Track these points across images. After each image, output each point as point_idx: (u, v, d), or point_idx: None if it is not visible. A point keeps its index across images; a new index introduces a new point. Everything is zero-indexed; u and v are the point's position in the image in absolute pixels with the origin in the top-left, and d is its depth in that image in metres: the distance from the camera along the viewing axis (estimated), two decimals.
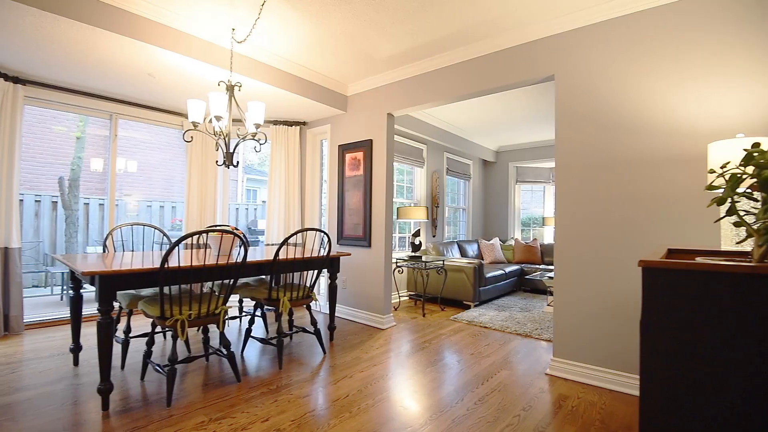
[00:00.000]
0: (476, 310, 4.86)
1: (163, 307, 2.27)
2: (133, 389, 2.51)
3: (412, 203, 6.13)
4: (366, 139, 4.35)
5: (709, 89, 2.40)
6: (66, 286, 5.49)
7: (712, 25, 2.39)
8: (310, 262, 3.22)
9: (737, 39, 2.32)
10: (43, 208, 6.60)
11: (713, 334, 1.08)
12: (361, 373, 2.85)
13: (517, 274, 6.17)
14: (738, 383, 1.05)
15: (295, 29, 3.23)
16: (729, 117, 2.34)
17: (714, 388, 1.08)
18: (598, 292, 2.75)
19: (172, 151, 9.78)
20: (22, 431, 1.99)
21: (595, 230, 2.77)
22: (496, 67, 3.33)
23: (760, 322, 1.02)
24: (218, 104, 2.78)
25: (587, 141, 2.82)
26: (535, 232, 8.10)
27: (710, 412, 1.09)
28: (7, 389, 2.47)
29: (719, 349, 1.08)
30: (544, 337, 3.80)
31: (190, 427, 2.07)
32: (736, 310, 1.05)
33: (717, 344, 1.08)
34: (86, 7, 2.67)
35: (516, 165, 7.67)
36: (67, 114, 6.73)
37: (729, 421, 1.06)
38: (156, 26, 2.99)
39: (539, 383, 2.74)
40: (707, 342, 1.10)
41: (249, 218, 10.23)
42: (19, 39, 2.90)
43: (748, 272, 1.03)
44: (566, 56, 2.93)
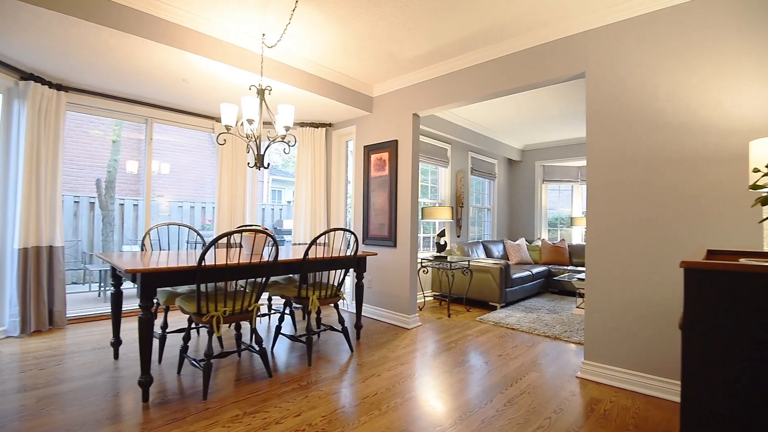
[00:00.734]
0: (503, 312, 4.81)
1: (200, 303, 2.36)
2: (169, 382, 2.62)
3: (437, 203, 6.12)
4: (391, 140, 4.38)
5: (748, 84, 2.30)
6: (103, 284, 5.74)
7: (750, 17, 2.29)
8: (337, 262, 3.27)
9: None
10: (81, 209, 6.91)
11: (759, 337, 1.05)
12: (388, 371, 2.88)
13: (545, 275, 6.07)
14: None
15: (322, 33, 3.28)
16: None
17: (761, 393, 1.05)
18: (631, 294, 2.68)
19: (201, 153, 10.08)
20: (69, 420, 2.10)
21: (628, 230, 2.70)
22: (524, 65, 3.29)
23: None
24: (250, 108, 2.86)
25: (619, 139, 2.76)
26: (562, 232, 7.94)
27: (757, 419, 1.06)
28: (54, 380, 2.61)
29: (766, 353, 1.05)
30: (573, 339, 3.73)
31: (226, 420, 2.14)
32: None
33: (763, 347, 1.05)
34: (128, 17, 2.79)
35: (543, 164, 7.54)
36: (103, 119, 7.04)
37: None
38: (191, 33, 3.10)
39: (570, 386, 2.70)
40: (753, 345, 1.07)
41: (274, 218, 10.43)
42: (63, 48, 3.06)
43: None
44: (597, 53, 2.87)
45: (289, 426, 2.09)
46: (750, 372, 1.07)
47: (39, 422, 2.07)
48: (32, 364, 2.88)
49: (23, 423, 2.06)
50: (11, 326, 3.50)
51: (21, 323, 3.50)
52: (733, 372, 1.10)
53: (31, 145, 3.51)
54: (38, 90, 3.55)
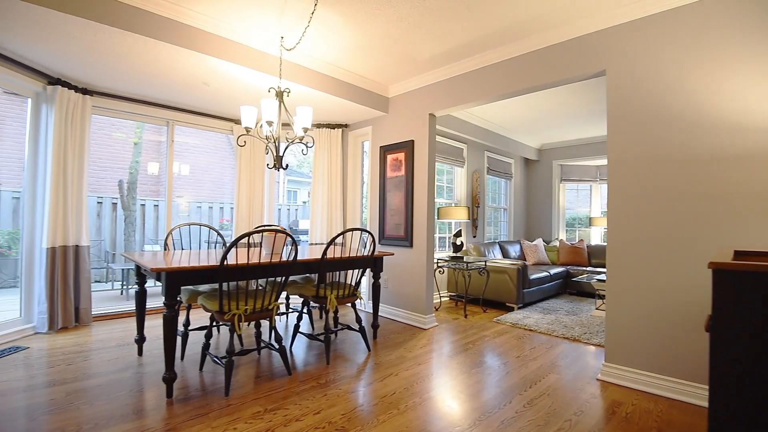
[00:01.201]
0: (520, 313, 4.76)
1: (222, 302, 2.40)
2: (192, 379, 2.67)
3: (453, 203, 6.10)
4: (407, 140, 4.38)
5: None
6: (125, 282, 5.88)
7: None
8: (354, 261, 3.29)
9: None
10: (104, 209, 7.09)
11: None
12: (406, 371, 2.88)
13: (563, 276, 5.99)
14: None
15: (339, 35, 3.31)
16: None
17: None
18: (655, 296, 2.63)
19: (219, 154, 10.25)
20: (97, 414, 2.17)
21: (651, 231, 2.65)
22: (543, 64, 3.26)
23: None
24: (270, 110, 2.90)
25: (641, 138, 2.71)
26: (580, 232, 7.82)
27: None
28: (82, 375, 2.70)
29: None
30: (593, 341, 3.67)
31: (248, 416, 2.18)
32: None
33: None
34: (152, 23, 2.87)
35: (560, 163, 7.44)
36: (125, 121, 7.21)
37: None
38: (212, 37, 3.17)
39: (590, 388, 2.66)
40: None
41: (290, 218, 10.54)
42: (89, 53, 3.15)
43: None
44: (618, 51, 2.83)
45: (309, 423, 2.11)
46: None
47: (68, 416, 2.14)
48: (60, 359, 2.98)
49: (53, 416, 2.13)
50: (40, 323, 3.62)
51: (49, 320, 3.62)
52: (765, 375, 1.08)
53: (58, 148, 3.62)
54: (65, 94, 3.66)
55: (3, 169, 6.64)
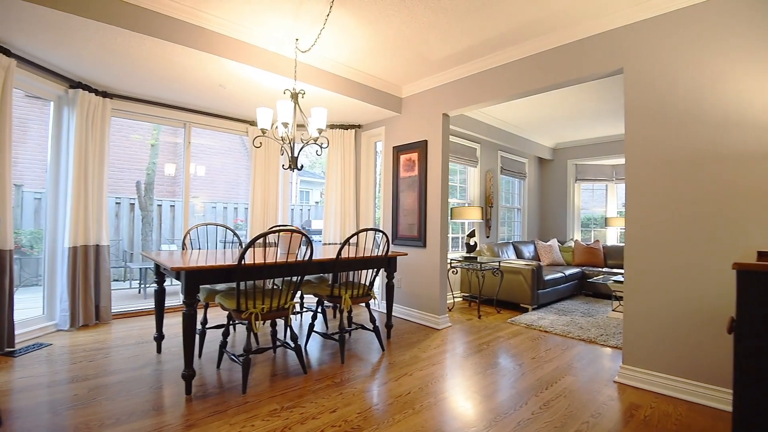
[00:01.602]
0: (535, 314, 4.72)
1: (239, 300, 2.44)
2: (209, 376, 2.72)
3: (466, 203, 6.07)
4: (421, 140, 4.38)
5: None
6: (143, 281, 6.00)
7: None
8: (369, 261, 3.30)
9: None
10: (122, 210, 7.23)
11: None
12: (420, 371, 2.89)
13: (578, 277, 5.91)
14: None
15: (354, 36, 3.33)
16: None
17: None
18: (674, 297, 2.58)
19: (233, 155, 10.38)
20: (118, 410, 2.22)
21: (671, 231, 2.61)
22: (559, 63, 3.23)
23: None
24: (285, 111, 2.94)
25: (660, 137, 2.66)
26: (596, 233, 7.72)
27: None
28: (103, 372, 2.76)
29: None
30: (610, 343, 3.62)
31: (265, 413, 2.21)
32: None
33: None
34: (169, 26, 2.92)
35: (575, 162, 7.35)
36: (142, 123, 7.35)
37: None
38: (229, 40, 3.21)
39: (607, 391, 2.63)
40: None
41: (303, 218, 10.61)
42: (109, 57, 3.22)
43: None
44: (636, 48, 2.79)
45: (325, 421, 2.13)
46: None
47: (91, 411, 2.19)
48: (82, 356, 3.05)
49: (77, 411, 2.19)
50: (62, 320, 3.71)
51: (70, 317, 3.71)
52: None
53: (79, 149, 3.71)
54: (86, 97, 3.75)
55: (25, 170, 6.82)
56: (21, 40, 2.92)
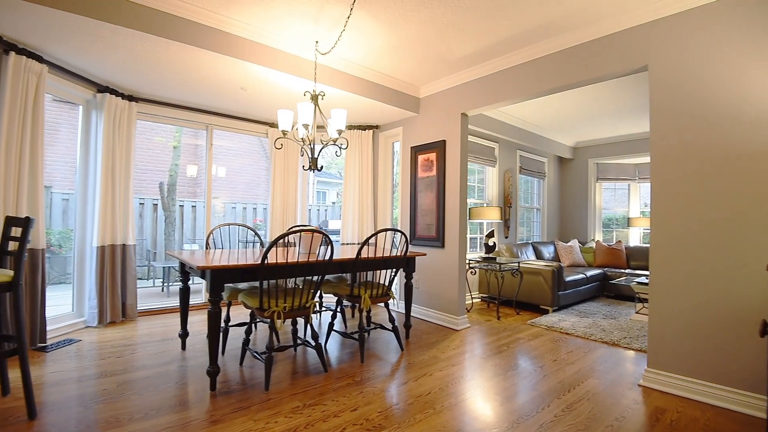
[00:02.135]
0: (555, 316, 4.66)
1: (262, 299, 2.48)
2: (232, 373, 2.77)
3: (484, 203, 6.03)
4: (439, 140, 4.37)
5: None
6: (166, 280, 6.15)
7: None
8: (388, 261, 3.31)
9: None
10: (146, 210, 7.42)
11: None
12: (440, 372, 2.88)
13: (600, 278, 5.80)
14: None
15: (373, 37, 3.34)
16: None
17: None
18: (701, 299, 2.52)
19: (252, 157, 10.54)
20: (146, 404, 2.28)
21: (698, 231, 2.54)
22: (581, 60, 3.18)
23: None
24: (305, 113, 2.97)
25: (688, 135, 2.60)
26: (617, 233, 7.56)
27: None
28: (131, 367, 2.84)
29: None
30: (633, 346, 3.55)
31: (288, 410, 2.24)
32: None
33: None
34: (195, 32, 2.99)
35: (596, 161, 7.22)
36: (165, 126, 7.53)
37: None
38: (250, 44, 3.27)
39: (632, 394, 2.58)
40: None
41: (320, 219, 10.70)
42: (136, 62, 3.32)
43: None
44: (661, 45, 2.72)
45: (347, 419, 2.15)
46: None
47: (120, 405, 2.26)
48: (110, 352, 3.15)
49: (106, 405, 2.26)
50: (90, 317, 3.84)
51: (98, 314, 3.83)
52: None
53: (107, 152, 3.83)
54: (113, 101, 3.87)
55: (54, 172, 7.05)
56: (53, 46, 3.03)
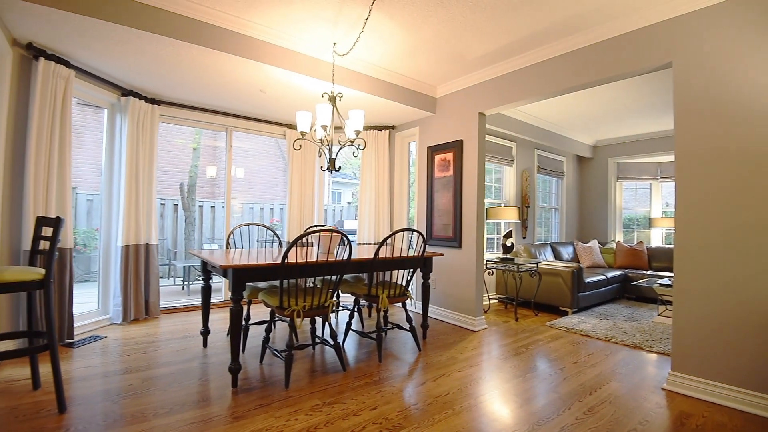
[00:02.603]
0: (575, 317, 4.59)
1: (282, 298, 2.52)
2: (252, 371, 2.81)
3: (501, 203, 5.97)
4: (456, 140, 4.35)
5: None
6: (186, 278, 6.27)
7: None
8: (405, 261, 3.32)
9: None
10: (166, 210, 7.58)
11: None
12: (458, 372, 2.87)
13: (620, 280, 5.69)
14: None
15: (391, 38, 3.35)
16: None
17: None
18: (728, 302, 2.45)
19: (269, 158, 10.68)
20: (171, 400, 2.34)
21: (726, 233, 2.47)
22: (603, 58, 3.13)
23: None
24: (324, 114, 3.00)
25: (714, 134, 2.53)
26: (638, 234, 7.40)
27: None
28: (154, 364, 2.92)
29: None
30: (656, 349, 3.47)
31: (308, 408, 2.27)
32: None
33: None
34: (215, 35, 3.05)
35: (616, 160, 7.08)
36: (185, 128, 7.69)
37: None
38: (270, 47, 3.32)
39: (655, 398, 2.52)
40: None
41: (335, 219, 10.76)
42: (160, 66, 3.40)
43: None
44: (686, 41, 2.66)
45: (366, 418, 2.16)
46: None
47: (145, 400, 2.32)
48: (134, 348, 3.23)
49: (132, 400, 2.32)
50: (115, 314, 3.94)
51: (123, 312, 3.93)
52: None
53: (131, 154, 3.93)
54: (136, 104, 3.97)
55: (79, 173, 7.26)
56: (79, 52, 3.13)
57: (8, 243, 2.96)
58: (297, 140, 3.39)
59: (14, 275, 2.02)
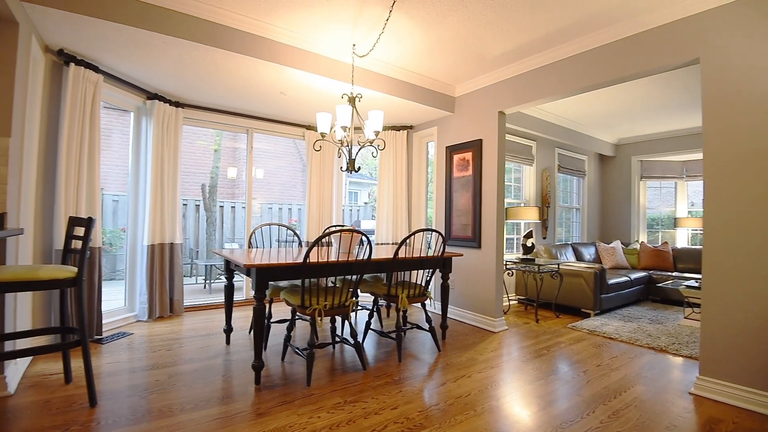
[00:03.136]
0: (597, 319, 4.50)
1: (303, 297, 2.55)
2: (274, 368, 2.85)
3: (521, 203, 5.91)
4: (475, 139, 4.32)
5: None
6: (208, 277, 6.39)
7: None
8: (424, 261, 3.31)
9: None
10: (188, 211, 7.74)
11: None
12: (478, 374, 2.85)
13: (644, 281, 5.55)
14: None
15: (409, 37, 3.35)
16: None
17: None
18: (762, 305, 2.36)
19: (287, 159, 10.80)
20: (196, 395, 2.39)
21: (758, 233, 2.39)
22: (627, 54, 3.07)
23: None
24: (344, 115, 3.02)
25: (746, 131, 2.45)
26: (663, 234, 7.21)
27: None
28: (179, 360, 2.99)
29: None
30: (683, 353, 3.38)
31: (330, 406, 2.29)
32: None
33: None
34: (238, 39, 3.11)
35: (640, 159, 6.91)
36: (206, 130, 7.84)
37: None
38: (290, 49, 3.36)
39: (682, 402, 2.46)
40: None
41: (352, 219, 10.82)
42: (183, 69, 3.48)
43: None
44: (715, 36, 2.58)
45: (388, 417, 2.17)
46: None
47: (171, 395, 2.38)
48: (160, 345, 3.32)
49: (159, 395, 2.39)
50: (141, 312, 4.05)
51: (149, 309, 4.04)
52: None
53: (156, 156, 4.04)
54: (161, 108, 4.07)
55: (105, 175, 7.48)
56: (107, 57, 3.23)
57: (41, 242, 3.07)
58: (317, 141, 3.42)
59: (49, 273, 2.10)
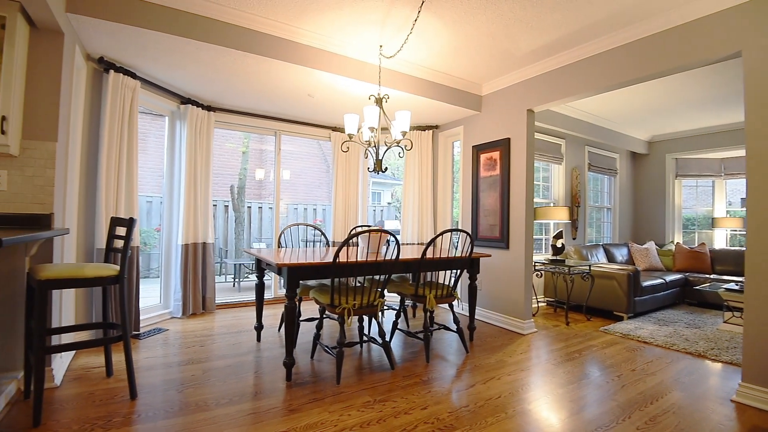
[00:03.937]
0: (631, 323, 4.36)
1: (333, 296, 2.58)
2: (304, 366, 2.90)
3: (550, 203, 5.79)
4: (503, 138, 4.27)
5: None
6: (237, 276, 6.55)
7: None
8: (452, 262, 3.30)
9: None
10: (218, 211, 7.95)
11: None
12: (508, 376, 2.82)
13: (680, 284, 5.35)
14: None
15: (436, 37, 3.34)
16: None
17: None
18: None
19: (311, 160, 10.95)
20: (230, 391, 2.47)
21: None
22: (662, 49, 2.96)
23: None
24: (371, 116, 3.04)
25: None
26: (700, 235, 6.92)
27: None
28: (213, 356, 3.08)
29: None
30: (723, 358, 3.24)
31: (359, 404, 2.32)
32: None
33: None
34: (267, 43, 3.18)
35: (675, 156, 6.65)
36: (235, 132, 8.03)
37: None
38: (318, 52, 3.41)
39: (723, 410, 2.36)
40: None
41: (376, 219, 10.86)
42: (215, 74, 3.58)
43: None
44: (757, 28, 2.47)
45: (418, 417, 2.18)
46: None
47: (207, 390, 2.46)
48: (194, 341, 3.43)
49: (195, 390, 2.47)
50: (175, 309, 4.20)
51: (183, 306, 4.18)
52: None
53: (190, 158, 4.17)
54: (194, 112, 4.20)
55: (140, 177, 7.77)
56: (144, 63, 3.36)
57: (83, 241, 3.22)
58: (345, 142, 3.46)
59: (93, 271, 2.21)
